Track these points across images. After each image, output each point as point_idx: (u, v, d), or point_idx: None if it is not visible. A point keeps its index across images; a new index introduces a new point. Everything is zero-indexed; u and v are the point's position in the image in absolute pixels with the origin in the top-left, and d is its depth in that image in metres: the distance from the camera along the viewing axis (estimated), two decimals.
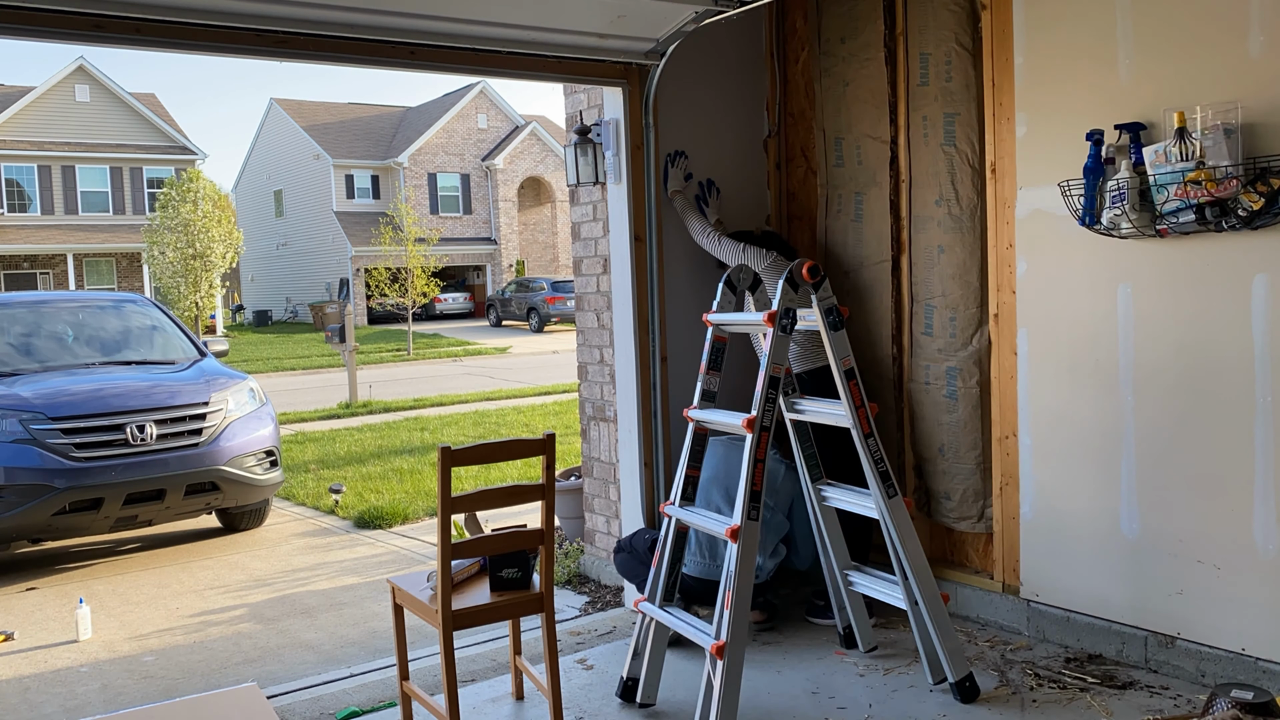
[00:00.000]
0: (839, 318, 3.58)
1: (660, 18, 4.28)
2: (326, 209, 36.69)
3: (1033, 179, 3.99)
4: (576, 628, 4.61)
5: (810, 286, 3.52)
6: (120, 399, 6.41)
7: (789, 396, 3.95)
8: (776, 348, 3.41)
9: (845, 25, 4.75)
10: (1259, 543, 3.44)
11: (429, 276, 26.41)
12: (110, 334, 7.57)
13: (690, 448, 3.72)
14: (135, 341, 7.58)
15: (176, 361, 7.37)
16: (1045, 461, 4.05)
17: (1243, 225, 3.29)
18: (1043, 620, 4.12)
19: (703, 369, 3.77)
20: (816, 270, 3.48)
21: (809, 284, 3.50)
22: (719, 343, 3.78)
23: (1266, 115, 3.29)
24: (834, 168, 4.87)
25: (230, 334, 31.80)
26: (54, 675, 4.57)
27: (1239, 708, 3.05)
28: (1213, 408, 3.53)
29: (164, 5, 3.49)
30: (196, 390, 6.75)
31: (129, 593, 5.82)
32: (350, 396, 14.58)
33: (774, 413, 3.38)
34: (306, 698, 4.05)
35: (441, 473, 3.07)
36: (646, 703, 3.67)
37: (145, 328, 7.73)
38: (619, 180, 4.70)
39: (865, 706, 3.60)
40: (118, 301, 8.02)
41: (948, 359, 4.41)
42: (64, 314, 7.60)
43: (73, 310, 7.70)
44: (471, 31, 4.11)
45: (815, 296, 3.56)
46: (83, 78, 32.21)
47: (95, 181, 32.54)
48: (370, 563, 6.31)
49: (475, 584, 3.44)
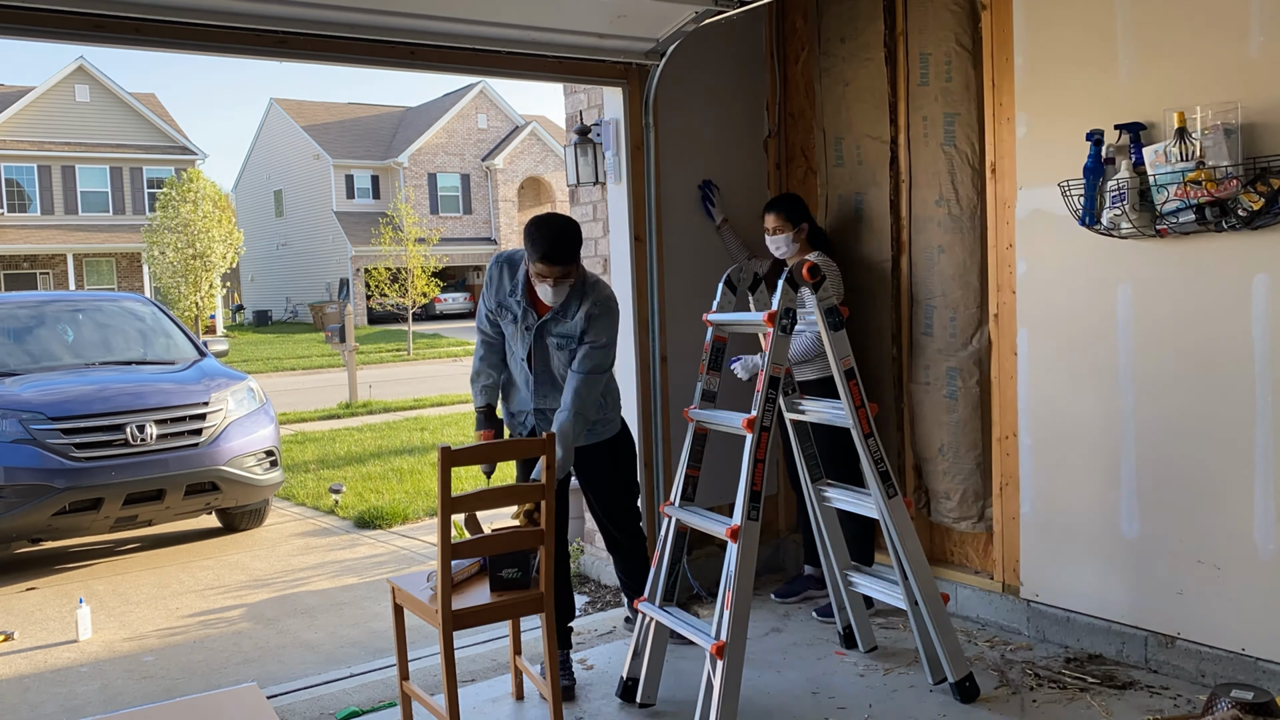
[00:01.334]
0: (839, 318, 3.58)
1: (660, 18, 4.28)
2: (326, 209, 36.69)
3: (1033, 179, 3.99)
4: (576, 628, 4.61)
5: (810, 286, 3.51)
6: (120, 399, 6.41)
7: (789, 396, 3.94)
8: (777, 348, 3.40)
9: (845, 25, 4.75)
10: (1259, 543, 3.44)
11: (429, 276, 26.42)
12: (110, 334, 7.57)
13: (690, 448, 3.72)
14: (135, 341, 7.58)
15: (176, 362, 7.37)
16: (1045, 461, 4.05)
17: (1243, 225, 3.29)
18: (1043, 620, 4.12)
19: (703, 369, 3.77)
20: (816, 270, 3.47)
21: (809, 284, 3.50)
22: (719, 343, 3.78)
23: (1266, 115, 3.29)
24: (834, 168, 4.87)
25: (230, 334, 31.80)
26: (54, 675, 4.57)
27: (1239, 708, 3.05)
28: (1213, 408, 3.53)
29: (164, 5, 3.49)
30: (196, 390, 6.75)
31: (129, 593, 5.82)
32: (350, 396, 14.58)
33: (774, 413, 3.38)
34: (306, 698, 4.05)
35: (441, 473, 3.07)
36: (646, 703, 3.67)
37: (145, 328, 7.73)
38: (619, 180, 4.70)
39: (865, 706, 3.60)
40: (118, 301, 8.03)
41: (948, 359, 4.41)
42: (64, 314, 7.60)
43: (73, 310, 7.70)
44: (471, 31, 4.11)
45: (815, 297, 3.55)
46: (83, 78, 32.20)
47: (95, 181, 32.53)
48: (370, 563, 6.31)
49: (475, 584, 3.44)
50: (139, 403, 6.43)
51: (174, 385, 6.75)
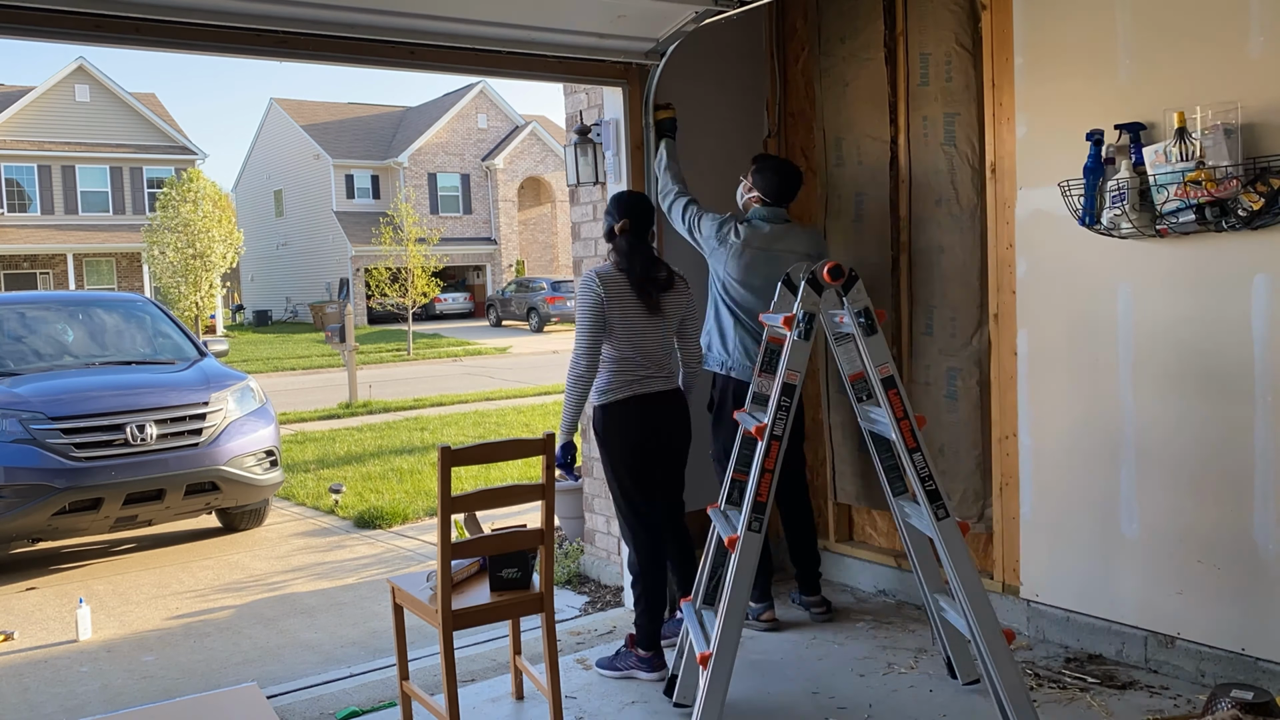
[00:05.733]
0: (872, 320, 3.30)
1: (660, 18, 4.28)
2: (326, 209, 36.68)
3: (1033, 179, 3.99)
4: (576, 628, 4.61)
5: (838, 288, 3.29)
6: (120, 399, 6.41)
7: (863, 404, 3.63)
8: (793, 354, 3.24)
9: (845, 25, 4.75)
10: (1259, 543, 3.44)
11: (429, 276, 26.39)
12: (110, 334, 7.57)
13: (739, 452, 3.58)
14: (135, 341, 7.58)
15: (176, 361, 7.37)
16: (1045, 461, 4.05)
17: (1243, 225, 3.29)
18: (1043, 620, 4.12)
19: (757, 372, 3.64)
20: (839, 271, 3.26)
21: (833, 285, 3.28)
22: (774, 344, 3.57)
23: (1266, 115, 3.29)
24: (834, 168, 4.87)
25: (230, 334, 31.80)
26: (54, 675, 4.57)
27: (1239, 708, 3.05)
28: (1213, 407, 3.53)
29: (164, 5, 3.49)
30: (196, 390, 6.75)
31: (129, 593, 5.82)
32: (350, 396, 14.58)
33: (787, 422, 3.24)
34: (306, 698, 4.05)
35: (441, 473, 3.07)
36: (681, 703, 3.62)
37: (145, 328, 7.73)
38: (619, 180, 4.70)
39: (865, 706, 3.60)
40: (118, 301, 8.02)
41: (948, 359, 4.41)
42: (64, 314, 7.60)
43: (73, 310, 7.70)
44: (471, 31, 4.11)
45: (846, 299, 3.31)
46: (83, 78, 32.19)
47: (95, 181, 32.52)
48: (370, 563, 6.31)
49: (475, 584, 3.44)
50: (139, 403, 6.43)
51: (174, 385, 6.75)
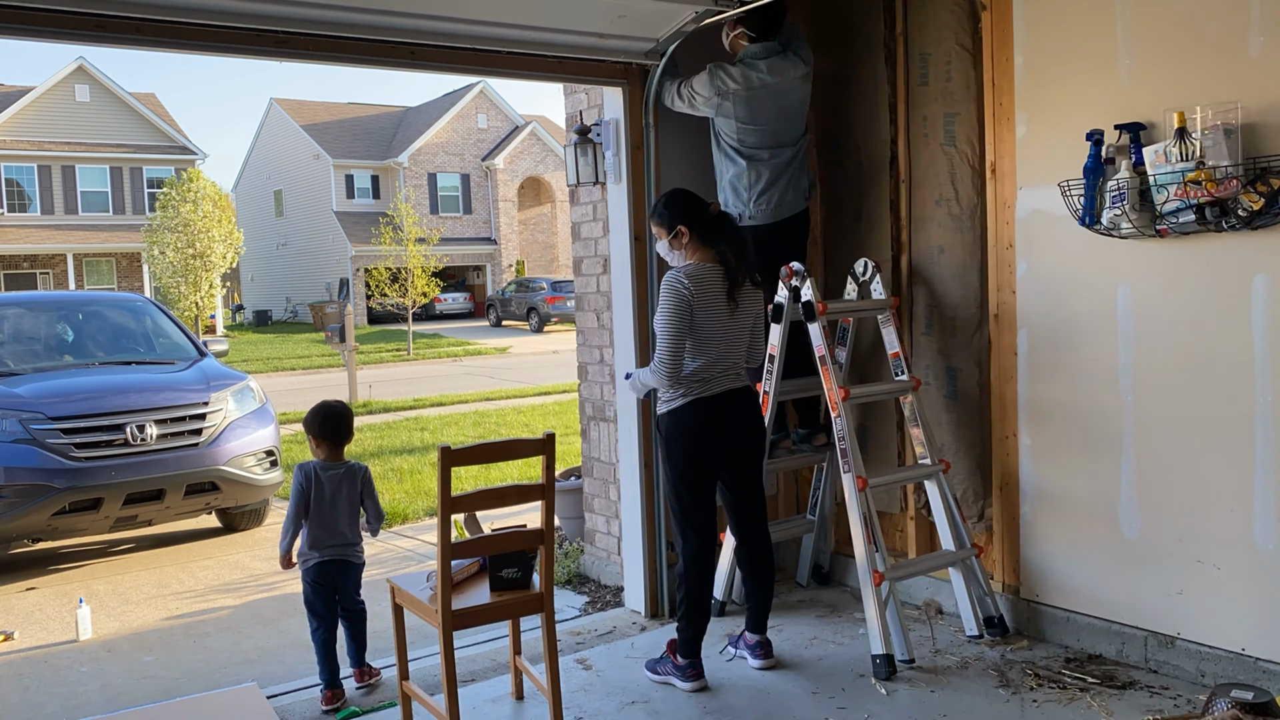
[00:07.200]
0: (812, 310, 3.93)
1: (660, 18, 4.28)
2: (326, 209, 36.68)
3: (1033, 179, 3.99)
4: (576, 628, 4.61)
5: None
6: (120, 399, 6.41)
7: None
8: None
9: (845, 25, 4.74)
10: (1259, 543, 3.44)
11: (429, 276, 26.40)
12: (110, 334, 7.57)
13: None
14: (135, 341, 7.57)
15: (176, 362, 7.36)
16: (1045, 461, 4.05)
17: (1243, 225, 3.29)
18: (1042, 620, 4.12)
19: None
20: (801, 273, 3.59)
21: None
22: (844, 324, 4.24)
23: (1266, 115, 3.29)
24: (834, 168, 4.87)
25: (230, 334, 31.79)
26: (54, 675, 4.57)
27: (1239, 708, 3.05)
28: (1213, 407, 3.53)
29: (164, 5, 3.49)
30: (196, 390, 6.75)
31: (129, 593, 5.82)
32: (350, 396, 14.57)
33: None
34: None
35: (441, 473, 3.07)
36: None
37: (145, 328, 7.73)
38: (619, 180, 4.70)
39: (865, 706, 3.60)
40: (117, 301, 8.02)
41: (948, 359, 4.41)
42: (64, 314, 7.59)
43: (73, 310, 7.70)
44: (471, 31, 4.11)
45: None
46: (83, 78, 32.19)
47: (95, 181, 32.53)
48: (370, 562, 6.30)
49: (475, 584, 3.44)
50: (139, 403, 6.42)
51: (174, 385, 6.75)
